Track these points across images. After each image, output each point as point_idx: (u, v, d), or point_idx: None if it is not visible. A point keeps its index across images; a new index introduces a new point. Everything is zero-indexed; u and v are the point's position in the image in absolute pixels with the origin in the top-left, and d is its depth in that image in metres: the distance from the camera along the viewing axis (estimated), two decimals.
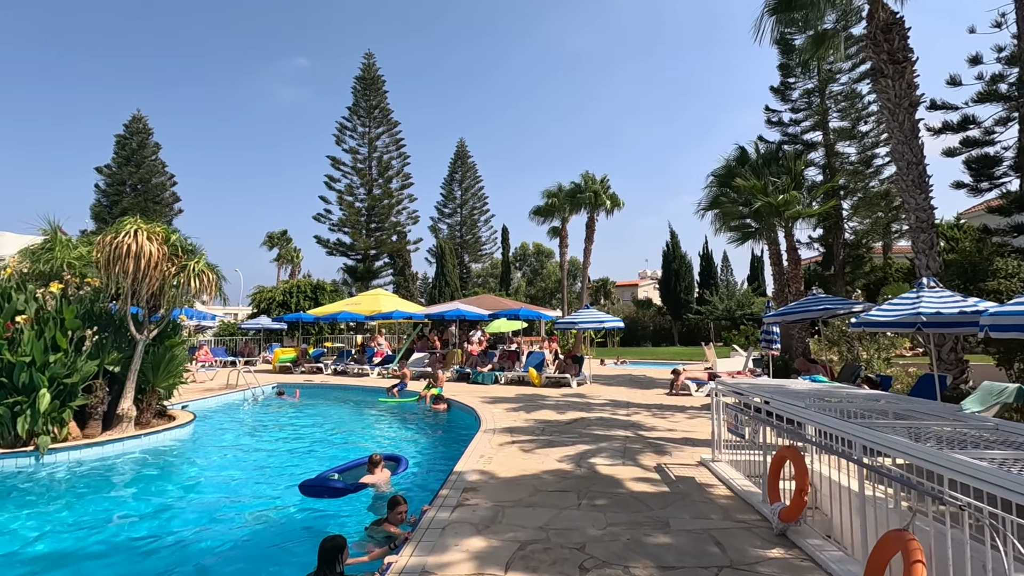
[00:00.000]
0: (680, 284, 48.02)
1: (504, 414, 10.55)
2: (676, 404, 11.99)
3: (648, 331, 50.09)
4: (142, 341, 9.01)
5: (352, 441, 9.56)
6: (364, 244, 38.37)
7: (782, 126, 17.38)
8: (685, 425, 9.41)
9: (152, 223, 9.24)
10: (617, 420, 9.93)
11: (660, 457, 7.06)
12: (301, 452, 8.76)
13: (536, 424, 9.47)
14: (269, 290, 29.12)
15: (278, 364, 20.81)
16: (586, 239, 31.01)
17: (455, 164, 54.20)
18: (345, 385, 16.54)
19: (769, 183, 15.17)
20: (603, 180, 30.96)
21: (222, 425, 11.03)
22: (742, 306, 44.80)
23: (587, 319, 16.41)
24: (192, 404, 12.80)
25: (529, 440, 8.10)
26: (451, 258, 42.26)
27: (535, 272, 60.59)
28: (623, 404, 12.03)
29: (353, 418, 11.97)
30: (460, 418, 11.36)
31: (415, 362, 19.30)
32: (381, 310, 21.09)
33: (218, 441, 9.50)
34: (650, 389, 14.94)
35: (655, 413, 10.76)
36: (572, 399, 12.88)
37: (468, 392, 14.21)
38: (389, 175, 40.43)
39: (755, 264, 52.69)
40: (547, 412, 10.83)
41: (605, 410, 11.15)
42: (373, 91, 40.31)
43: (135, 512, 5.97)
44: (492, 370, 16.82)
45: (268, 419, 11.93)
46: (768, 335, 13.55)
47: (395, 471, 6.92)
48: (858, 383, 9.33)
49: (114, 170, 26.58)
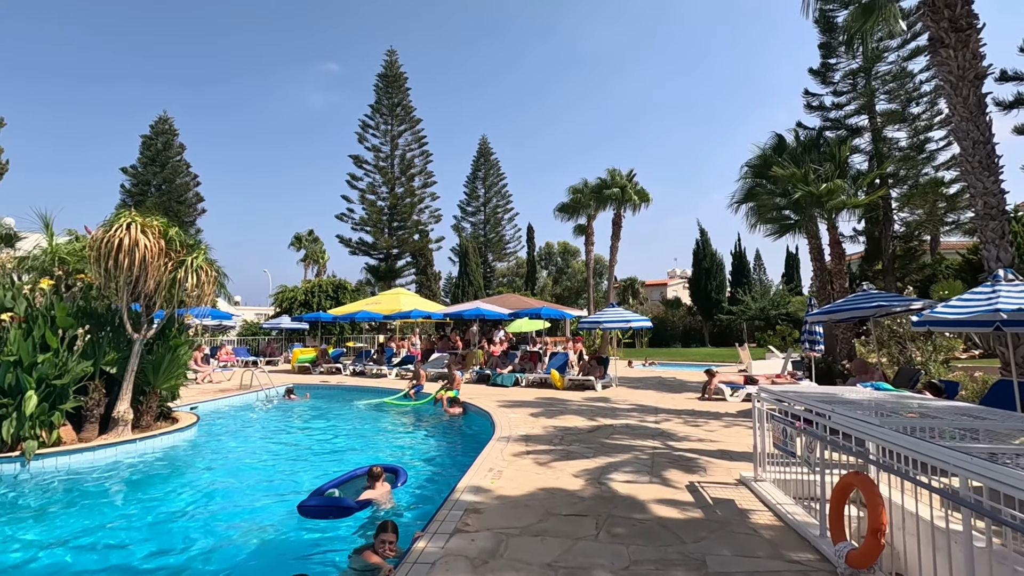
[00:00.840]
0: (711, 283, 46.45)
1: (521, 420, 9.80)
2: (710, 410, 11.05)
3: (677, 331, 48.65)
4: (139, 340, 8.57)
5: (359, 448, 8.94)
6: (386, 243, 38.07)
7: (823, 111, 16.16)
8: (720, 435, 8.50)
9: (150, 216, 8.81)
10: (644, 428, 9.07)
11: (692, 474, 6.20)
12: (304, 459, 8.19)
13: (555, 432, 8.70)
14: (291, 290, 29.01)
15: (297, 364, 20.50)
16: (612, 236, 30.02)
17: (478, 162, 53.68)
18: (361, 386, 16.02)
19: (810, 171, 14.03)
20: (630, 175, 29.92)
21: (228, 428, 10.58)
22: (777, 305, 43.01)
23: (612, 318, 15.53)
24: (203, 405, 12.44)
25: (545, 450, 7.33)
26: (474, 257, 41.68)
27: (561, 271, 59.68)
28: (651, 410, 11.15)
29: (364, 422, 11.38)
30: (475, 423, 10.67)
31: (434, 362, 18.71)
32: (401, 309, 20.60)
33: (219, 446, 9.00)
34: (680, 393, 13.99)
35: (687, 420, 9.85)
36: (596, 403, 12.05)
37: (486, 395, 13.51)
38: (411, 173, 40.06)
39: (790, 262, 50.70)
40: (568, 418, 10.04)
41: (631, 416, 10.30)
42: (395, 88, 40.00)
43: (120, 525, 5.47)
44: (513, 372, 16.10)
45: (276, 422, 11.44)
46: (811, 335, 12.48)
47: (394, 484, 6.24)
48: (918, 389, 8.26)
49: (139, 170, 26.86)
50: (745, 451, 7.27)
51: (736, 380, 12.76)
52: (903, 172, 16.00)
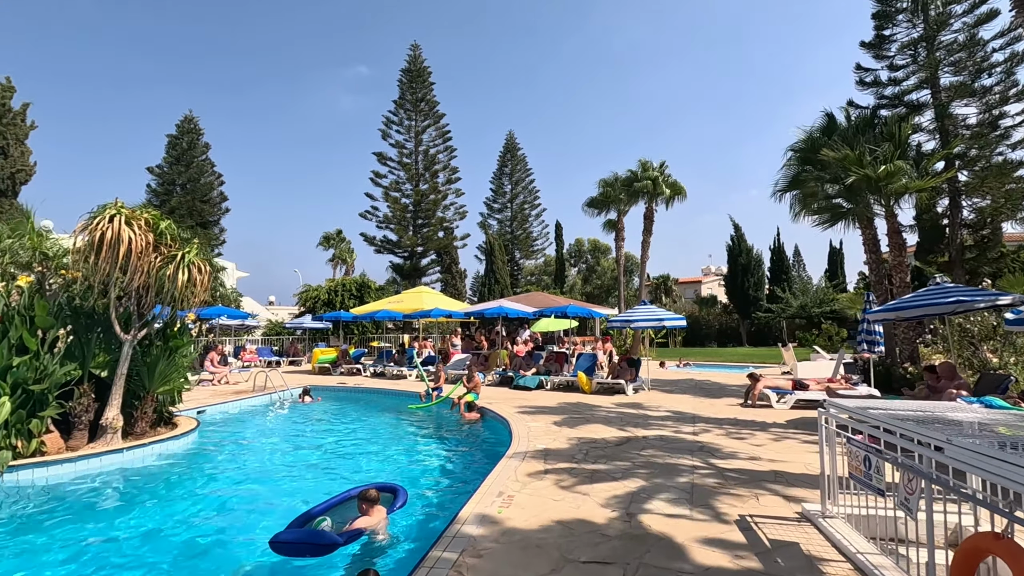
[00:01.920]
0: (748, 280, 44.48)
1: (542, 429, 8.85)
2: (755, 419, 9.87)
3: (712, 330, 46.79)
4: (128, 342, 7.97)
5: (365, 461, 8.14)
6: (410, 241, 37.51)
7: (877, 87, 14.62)
8: (772, 450, 7.37)
9: (142, 208, 8.20)
10: (682, 440, 8.00)
11: (743, 503, 5.15)
12: (305, 473, 7.43)
13: (579, 444, 7.72)
14: (315, 289, 28.71)
15: (317, 365, 20.00)
16: (644, 231, 28.67)
17: (504, 157, 52.73)
18: (379, 389, 15.33)
19: (866, 152, 12.63)
20: (662, 167, 28.53)
21: (231, 434, 9.95)
22: (819, 303, 40.80)
23: (644, 317, 14.41)
24: (212, 409, 11.93)
25: (567, 469, 6.37)
26: (500, 255, 40.78)
27: (591, 269, 58.34)
28: (688, 418, 10.04)
29: (376, 428, 10.62)
30: (491, 431, 9.77)
31: (456, 364, 17.91)
32: (423, 308, 19.89)
33: (215, 457, 8.32)
34: (720, 398, 12.80)
35: (730, 431, 8.73)
36: (626, 410, 11.00)
37: (507, 399, 12.60)
38: (435, 169, 39.40)
39: (833, 257, 48.23)
40: (595, 427, 9.03)
41: (666, 425, 9.23)
42: (419, 83, 39.40)
43: (91, 549, 4.79)
44: (537, 374, 15.14)
45: (283, 428, 10.79)
46: (869, 335, 11.14)
47: (391, 506, 5.38)
48: (1013, 401, 6.97)
49: (165, 170, 26.98)
50: (803, 473, 6.17)
51: (783, 385, 11.52)
52: (974, 152, 14.30)
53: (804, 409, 10.96)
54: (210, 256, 8.50)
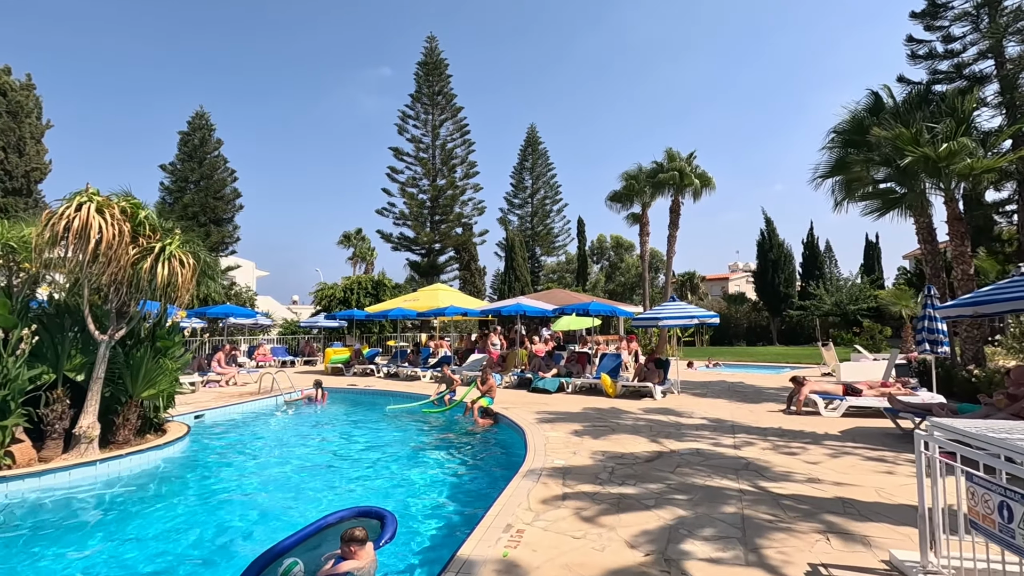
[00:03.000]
0: (779, 276, 42.69)
1: (562, 440, 7.88)
2: (803, 429, 8.74)
3: (741, 329, 45.09)
4: (105, 343, 7.26)
5: (363, 474, 7.29)
6: (427, 237, 36.73)
7: (931, 59, 13.21)
8: (831, 470, 6.27)
9: (121, 197, 7.49)
10: (722, 456, 6.95)
11: (809, 544, 4.11)
12: (300, 486, 6.60)
13: (603, 461, 6.73)
14: (330, 287, 28.17)
15: (330, 365, 19.35)
16: (670, 224, 27.37)
17: (525, 151, 51.64)
18: (390, 391, 14.53)
19: (923, 130, 11.31)
20: (689, 157, 27.21)
21: (225, 442, 9.22)
22: (855, 300, 38.86)
23: (673, 314, 13.29)
24: (211, 413, 11.28)
25: (589, 493, 5.40)
26: (521, 251, 39.76)
27: (614, 266, 57.00)
28: (726, 426, 8.96)
29: (381, 435, 9.78)
30: (505, 441, 8.84)
31: (472, 364, 17.03)
32: (439, 306, 19.08)
33: (201, 469, 7.56)
34: (758, 403, 11.65)
35: (777, 444, 7.63)
36: (656, 417, 9.96)
37: (525, 403, 11.66)
38: (453, 164, 38.51)
39: (870, 251, 46.07)
40: (621, 439, 8.03)
41: (702, 436, 8.17)
42: (436, 76, 38.59)
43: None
44: (558, 375, 14.16)
45: (284, 433, 10.03)
46: (931, 333, 9.88)
47: (378, 539, 4.47)
48: None
49: (177, 167, 26.73)
50: (877, 501, 5.10)
51: (830, 389, 10.31)
52: None
53: (857, 417, 9.78)
54: (198, 249, 7.74)
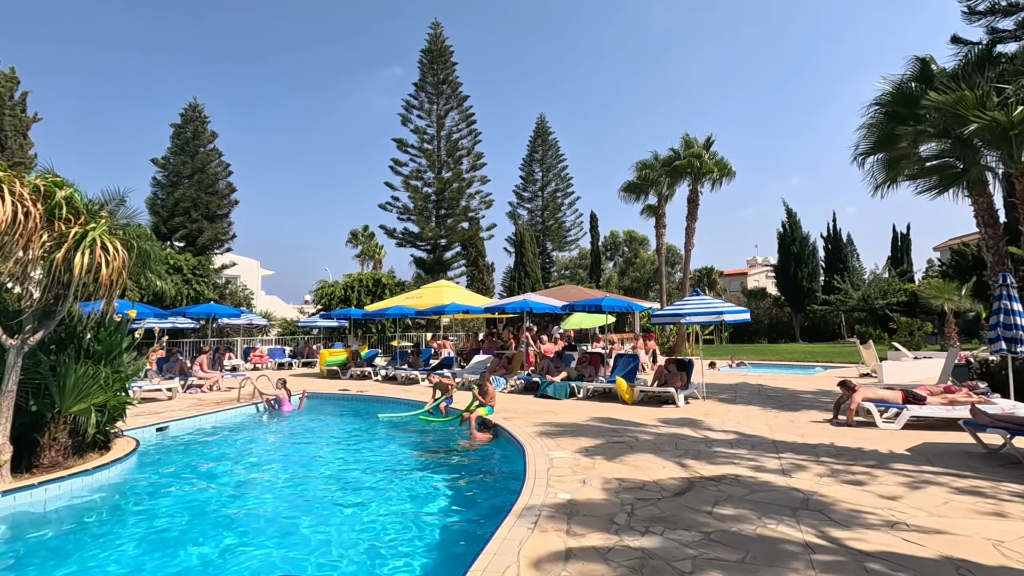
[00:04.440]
0: (802, 270, 40.77)
1: (569, 463, 6.50)
2: (860, 445, 7.26)
3: (762, 325, 43.23)
4: (13, 349, 6.04)
5: (318, 509, 5.97)
6: (433, 232, 35.34)
7: (991, 15, 11.62)
8: (916, 506, 4.83)
9: (41, 174, 6.27)
10: (770, 486, 5.52)
11: None
12: (252, 526, 5.32)
13: (619, 493, 5.34)
14: (330, 285, 27.03)
15: (325, 368, 18.15)
16: (688, 216, 25.84)
17: (534, 143, 50.08)
18: (383, 397, 13.25)
19: (990, 93, 9.73)
20: (707, 142, 25.60)
21: (184, 460, 7.97)
22: (884, 294, 36.81)
23: (697, 309, 11.80)
24: (180, 424, 10.08)
25: (601, 550, 4.01)
26: (531, 246, 38.30)
27: (628, 262, 55.34)
28: (767, 443, 7.50)
29: (362, 452, 8.48)
30: (504, 460, 7.50)
31: (476, 366, 15.70)
32: (440, 304, 17.79)
33: (138, 498, 6.30)
34: (796, 410, 10.17)
35: (834, 468, 6.18)
36: (680, 430, 8.53)
37: (529, 412, 10.30)
38: (459, 155, 37.00)
39: (898, 243, 43.90)
40: (640, 460, 6.63)
41: (740, 456, 6.74)
42: (440, 64, 37.13)
43: None
44: (567, 379, 12.78)
45: (252, 449, 8.76)
46: (1008, 329, 8.33)
47: None
48: None
49: (170, 161, 25.72)
50: (1004, 565, 3.65)
51: (888, 396, 8.76)
52: None
53: (920, 430, 8.27)
54: (138, 237, 6.48)
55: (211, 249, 25.88)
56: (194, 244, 24.70)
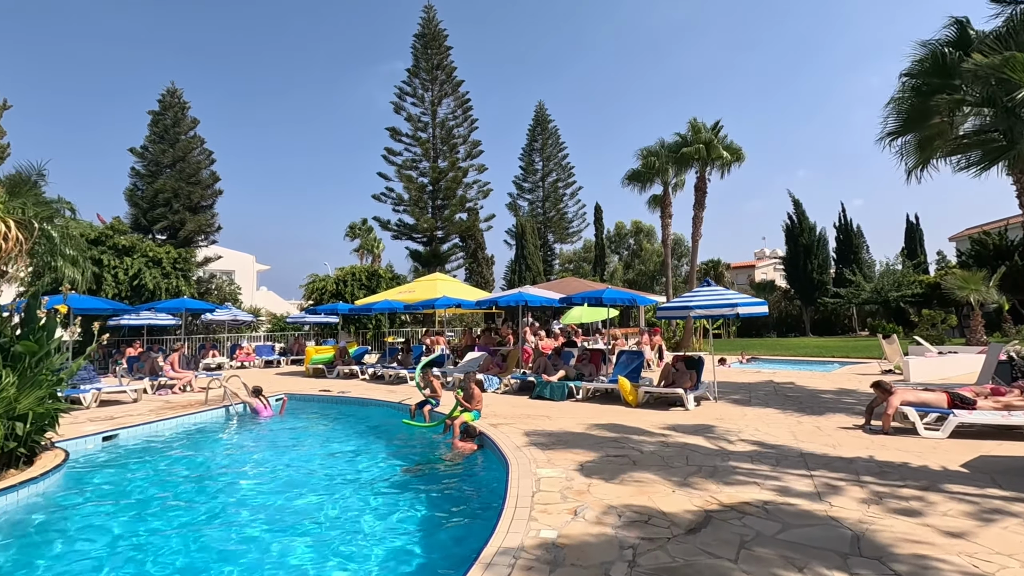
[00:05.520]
0: (812, 262, 39.45)
1: (559, 484, 5.44)
2: (906, 460, 6.16)
3: (771, 319, 41.97)
4: None
5: (259, 540, 4.95)
6: (428, 224, 34.09)
7: None
8: (995, 546, 3.75)
9: None
10: (807, 517, 4.44)
11: None
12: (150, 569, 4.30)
13: (619, 528, 4.28)
14: (321, 279, 26.02)
15: (311, 366, 17.16)
16: (695, 204, 24.59)
17: (534, 131, 48.72)
18: (366, 399, 12.24)
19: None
20: (716, 127, 24.36)
21: (121, 476, 6.95)
22: (897, 286, 35.46)
23: (709, 301, 10.65)
24: (133, 432, 9.10)
25: None
26: (532, 238, 37.11)
27: (634, 255, 54.08)
28: (793, 456, 6.42)
29: (326, 466, 7.47)
30: (486, 476, 6.46)
31: (469, 364, 14.68)
32: (429, 298, 16.73)
33: (49, 528, 5.30)
34: (820, 414, 9.07)
35: (879, 490, 5.10)
36: (691, 438, 7.46)
37: (521, 416, 9.26)
38: (454, 143, 35.68)
39: (911, 233, 42.51)
40: (646, 481, 5.56)
41: (763, 475, 5.65)
42: (435, 48, 35.80)
43: None
44: (566, 377, 11.72)
45: (207, 462, 7.75)
46: None
47: None
48: None
49: (148, 150, 24.65)
50: None
51: (931, 400, 7.64)
52: None
53: (970, 438, 7.14)
54: (29, 211, 5.46)
55: (195, 242, 24.87)
56: (176, 236, 23.70)
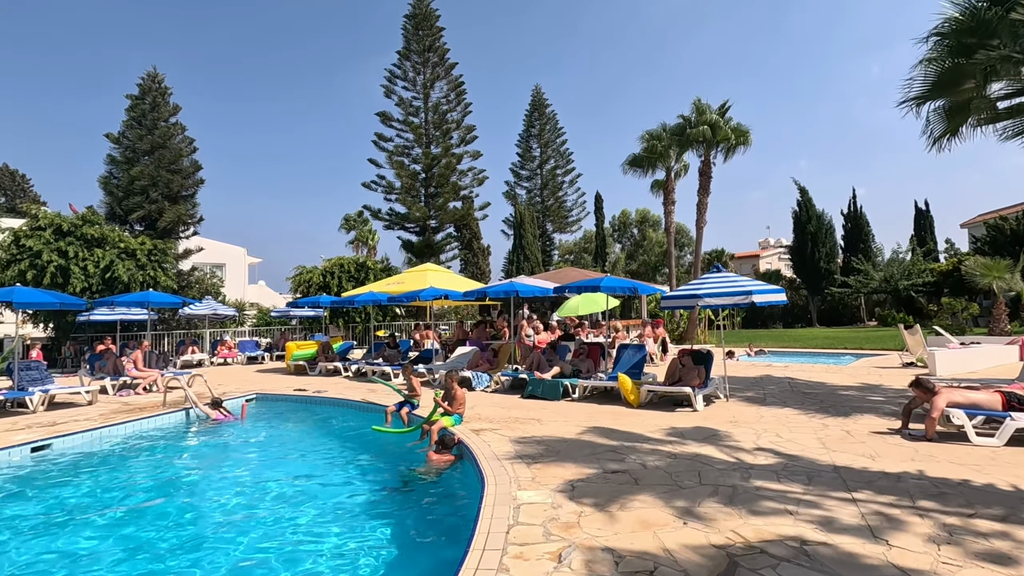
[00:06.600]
0: (819, 251, 38.30)
1: (542, 516, 4.38)
2: (965, 477, 5.10)
3: (777, 309, 40.89)
4: None
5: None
6: (421, 212, 32.83)
7: None
8: None
9: None
10: (862, 566, 3.38)
11: None
12: None
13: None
14: (308, 271, 24.97)
15: (292, 363, 16.14)
16: (700, 190, 23.50)
17: (531, 116, 47.33)
18: (342, 400, 11.21)
19: None
20: (722, 108, 23.17)
21: (24, 505, 5.94)
22: (908, 275, 34.27)
23: (719, 288, 9.51)
24: (71, 440, 8.12)
25: None
26: (531, 227, 35.90)
27: (636, 244, 52.91)
28: (826, 471, 5.36)
29: (282, 485, 6.44)
30: (460, 500, 5.41)
31: (458, 360, 13.63)
32: (415, 289, 15.67)
33: None
34: (846, 415, 8.03)
35: (943, 520, 4.03)
36: (702, 448, 6.40)
37: (511, 420, 8.22)
38: (447, 128, 34.32)
39: (921, 220, 41.32)
40: (648, 507, 4.50)
41: (795, 497, 4.60)
42: (426, 29, 34.37)
43: None
44: (561, 374, 10.67)
45: (130, 481, 6.73)
46: None
47: None
48: None
49: (125, 135, 23.50)
50: None
51: (982, 401, 6.56)
52: None
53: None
54: None
55: (174, 232, 23.75)
56: (155, 227, 22.59)
